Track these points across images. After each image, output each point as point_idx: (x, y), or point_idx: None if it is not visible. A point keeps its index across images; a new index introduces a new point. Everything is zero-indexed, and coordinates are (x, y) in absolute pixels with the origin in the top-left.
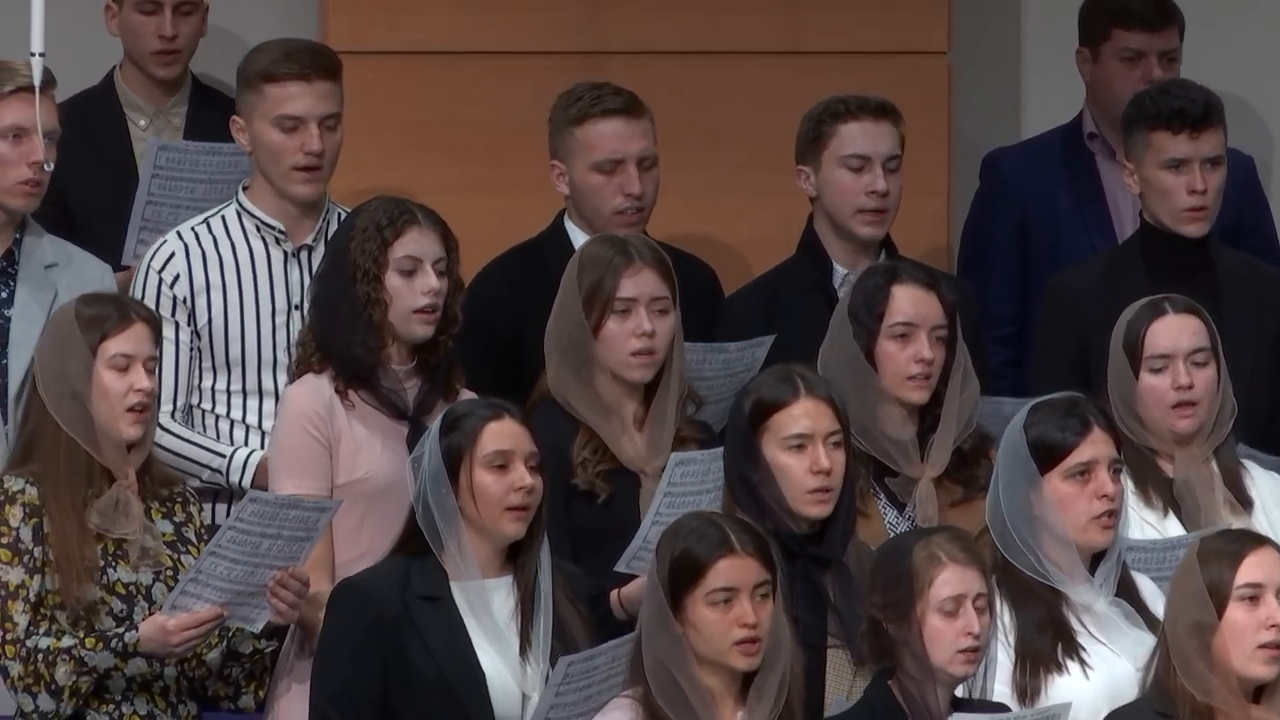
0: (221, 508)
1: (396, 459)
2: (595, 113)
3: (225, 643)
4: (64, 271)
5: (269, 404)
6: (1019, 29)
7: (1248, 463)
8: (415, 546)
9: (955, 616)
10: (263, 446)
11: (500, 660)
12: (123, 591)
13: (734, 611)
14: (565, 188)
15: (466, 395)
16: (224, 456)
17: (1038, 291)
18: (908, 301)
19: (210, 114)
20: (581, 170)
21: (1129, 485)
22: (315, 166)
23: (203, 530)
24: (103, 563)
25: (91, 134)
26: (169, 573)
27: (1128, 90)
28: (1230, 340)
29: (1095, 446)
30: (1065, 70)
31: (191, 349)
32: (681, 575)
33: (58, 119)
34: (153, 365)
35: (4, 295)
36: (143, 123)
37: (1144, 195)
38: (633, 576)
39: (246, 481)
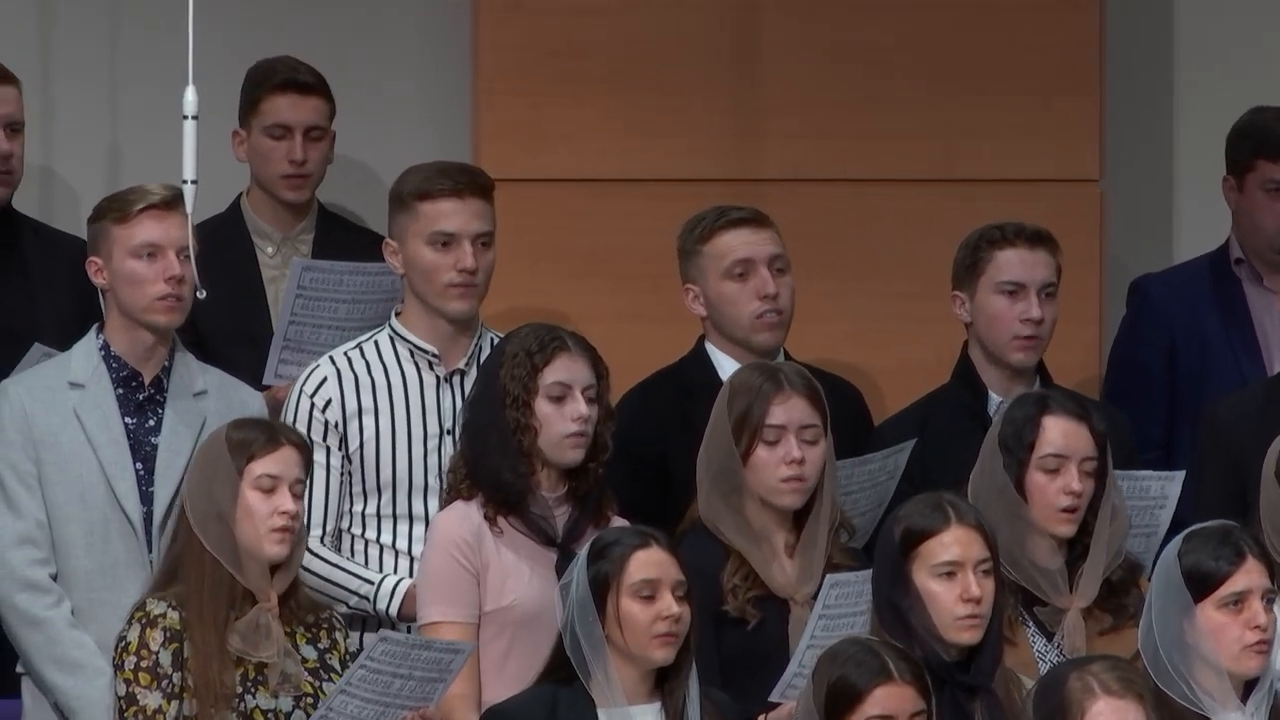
0: (370, 637)
1: (545, 586)
2: (720, 225)
3: None
4: (213, 399)
5: (419, 529)
6: (1171, 156)
7: None
8: (563, 674)
9: None
10: (411, 572)
11: None
12: (260, 719)
13: None
14: (701, 308)
15: (618, 522)
16: (372, 584)
17: (1184, 415)
18: (1058, 433)
19: (337, 241)
20: (715, 283)
21: None
22: (470, 284)
23: (348, 658)
24: (240, 689)
25: (220, 260)
26: (309, 700)
27: (1271, 221)
28: None
29: (1249, 576)
30: (1218, 196)
31: (342, 474)
32: (838, 701)
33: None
34: (300, 489)
35: (152, 423)
36: (270, 249)
37: None
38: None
39: (394, 609)
